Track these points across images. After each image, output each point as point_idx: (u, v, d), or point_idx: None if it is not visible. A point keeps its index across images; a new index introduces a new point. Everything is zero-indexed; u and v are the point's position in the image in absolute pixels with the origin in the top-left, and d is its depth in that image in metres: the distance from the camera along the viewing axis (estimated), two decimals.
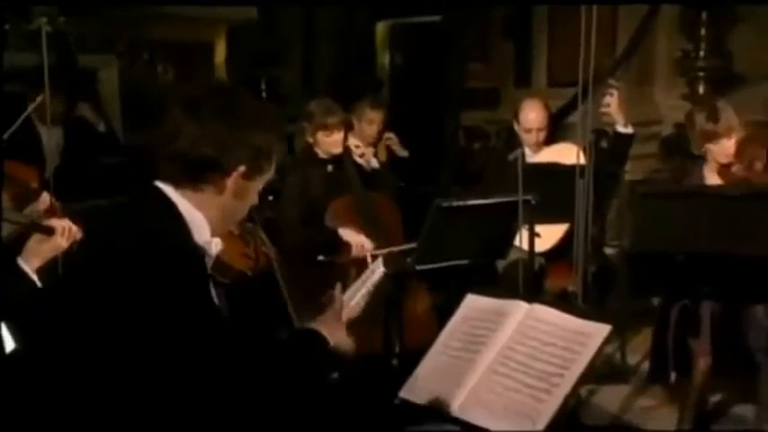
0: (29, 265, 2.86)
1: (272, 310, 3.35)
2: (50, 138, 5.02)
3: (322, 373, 2.04)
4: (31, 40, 4.95)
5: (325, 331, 2.04)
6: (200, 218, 1.97)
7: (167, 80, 6.71)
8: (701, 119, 4.36)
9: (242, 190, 2.00)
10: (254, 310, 2.68)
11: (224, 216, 2.02)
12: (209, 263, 2.01)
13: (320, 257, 4.21)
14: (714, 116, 4.31)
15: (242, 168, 1.97)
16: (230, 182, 1.97)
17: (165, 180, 1.98)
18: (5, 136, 4.13)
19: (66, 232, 2.92)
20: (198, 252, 1.96)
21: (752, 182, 4.28)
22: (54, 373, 1.92)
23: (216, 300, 2.04)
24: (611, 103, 4.71)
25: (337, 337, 2.05)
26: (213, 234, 2.01)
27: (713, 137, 4.29)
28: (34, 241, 2.93)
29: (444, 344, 2.40)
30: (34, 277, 2.85)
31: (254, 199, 2.07)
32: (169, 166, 1.98)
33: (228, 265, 2.79)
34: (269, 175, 2.06)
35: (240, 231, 2.12)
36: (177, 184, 1.97)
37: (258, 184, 2.05)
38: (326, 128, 4.54)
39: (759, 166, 4.33)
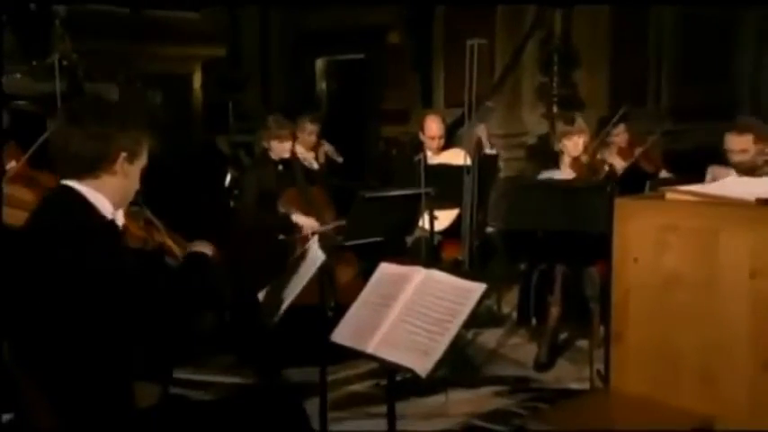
0: None
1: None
2: None
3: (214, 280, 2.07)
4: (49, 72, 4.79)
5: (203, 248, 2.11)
6: (102, 199, 1.96)
7: (155, 103, 6.56)
8: (560, 125, 4.57)
9: (128, 172, 2.00)
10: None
11: (120, 194, 2.01)
12: (121, 229, 2.02)
13: (280, 237, 4.17)
14: (570, 121, 4.54)
15: (124, 154, 1.97)
16: (118, 166, 1.97)
17: (68, 177, 1.96)
18: (29, 153, 4.00)
19: None
20: (110, 225, 1.96)
21: (596, 167, 4.45)
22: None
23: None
24: (482, 135, 4.79)
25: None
26: (116, 208, 2.00)
27: (568, 134, 4.45)
28: None
29: (364, 300, 2.38)
30: None
31: (137, 182, 2.06)
32: (68, 166, 1.96)
33: (131, 233, 2.70)
34: (144, 160, 2.05)
35: (128, 212, 2.10)
36: (80, 178, 1.95)
37: (138, 167, 2.04)
38: (279, 137, 4.52)
39: (599, 156, 4.60)
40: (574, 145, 4.40)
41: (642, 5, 7.10)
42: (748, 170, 3.88)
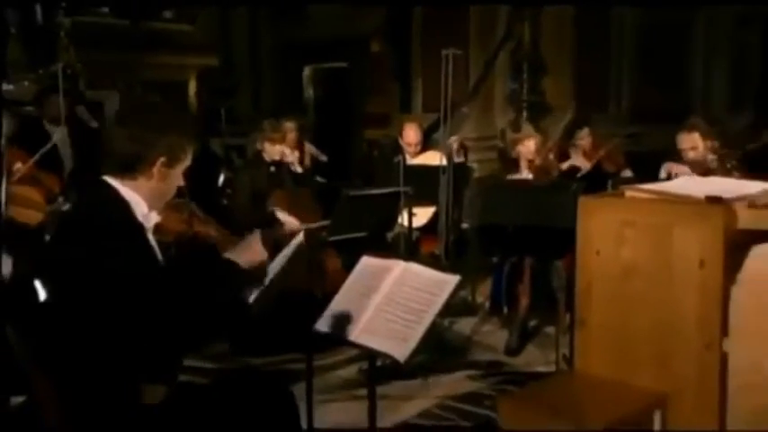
0: None
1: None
2: (64, 144, 4.77)
3: (238, 286, 1.95)
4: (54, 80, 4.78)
5: (235, 257, 1.96)
6: (137, 198, 1.91)
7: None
8: (510, 132, 4.60)
9: (165, 175, 1.93)
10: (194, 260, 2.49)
11: (155, 196, 1.95)
12: (150, 229, 1.95)
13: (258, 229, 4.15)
14: (517, 128, 4.59)
15: (163, 159, 1.91)
16: (155, 170, 1.91)
17: (108, 174, 1.91)
18: (36, 158, 3.98)
19: None
20: (139, 227, 1.91)
21: (548, 168, 4.49)
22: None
23: (159, 253, 1.97)
24: (454, 145, 4.83)
25: (244, 259, 1.96)
26: (151, 209, 1.94)
27: (518, 141, 4.50)
28: None
29: (347, 290, 2.39)
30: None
31: (179, 181, 1.99)
32: (110, 164, 1.91)
33: (167, 229, 2.65)
34: (187, 162, 1.98)
35: (173, 204, 2.05)
36: (118, 176, 1.90)
37: (179, 170, 1.97)
38: (272, 140, 4.53)
39: (551, 156, 4.65)
40: (526, 149, 4.47)
41: (604, 9, 7.17)
42: (702, 170, 3.93)
